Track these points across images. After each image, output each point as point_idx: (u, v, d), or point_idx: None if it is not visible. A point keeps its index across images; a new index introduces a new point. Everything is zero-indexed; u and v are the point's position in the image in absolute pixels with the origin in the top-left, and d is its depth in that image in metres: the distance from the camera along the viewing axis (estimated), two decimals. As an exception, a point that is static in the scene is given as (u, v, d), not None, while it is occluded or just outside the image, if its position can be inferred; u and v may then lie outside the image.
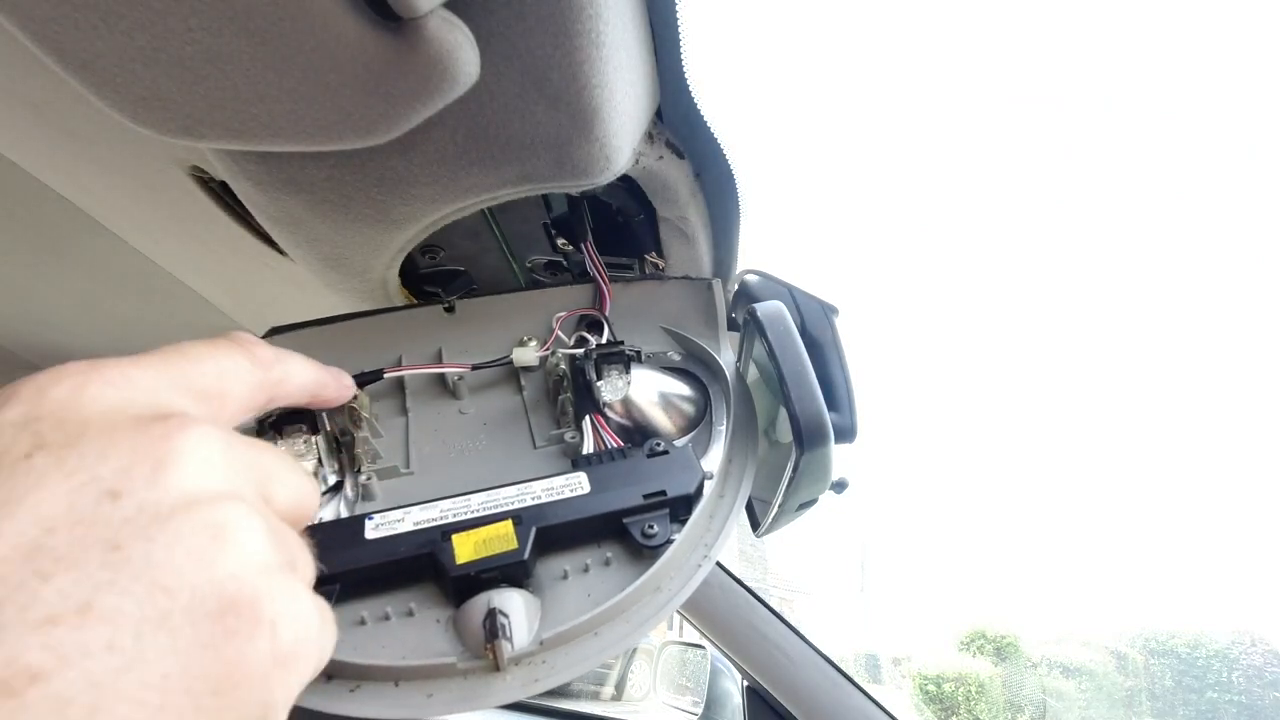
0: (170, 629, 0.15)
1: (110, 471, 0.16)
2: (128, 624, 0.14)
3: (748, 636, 0.88)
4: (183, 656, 0.15)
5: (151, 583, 0.15)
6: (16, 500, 0.15)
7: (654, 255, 0.50)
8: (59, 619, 0.14)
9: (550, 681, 0.30)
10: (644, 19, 0.34)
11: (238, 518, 0.17)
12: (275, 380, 0.24)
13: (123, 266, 0.62)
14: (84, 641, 0.14)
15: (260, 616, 0.16)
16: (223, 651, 0.16)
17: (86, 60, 0.25)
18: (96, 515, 0.15)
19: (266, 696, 0.17)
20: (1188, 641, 14.76)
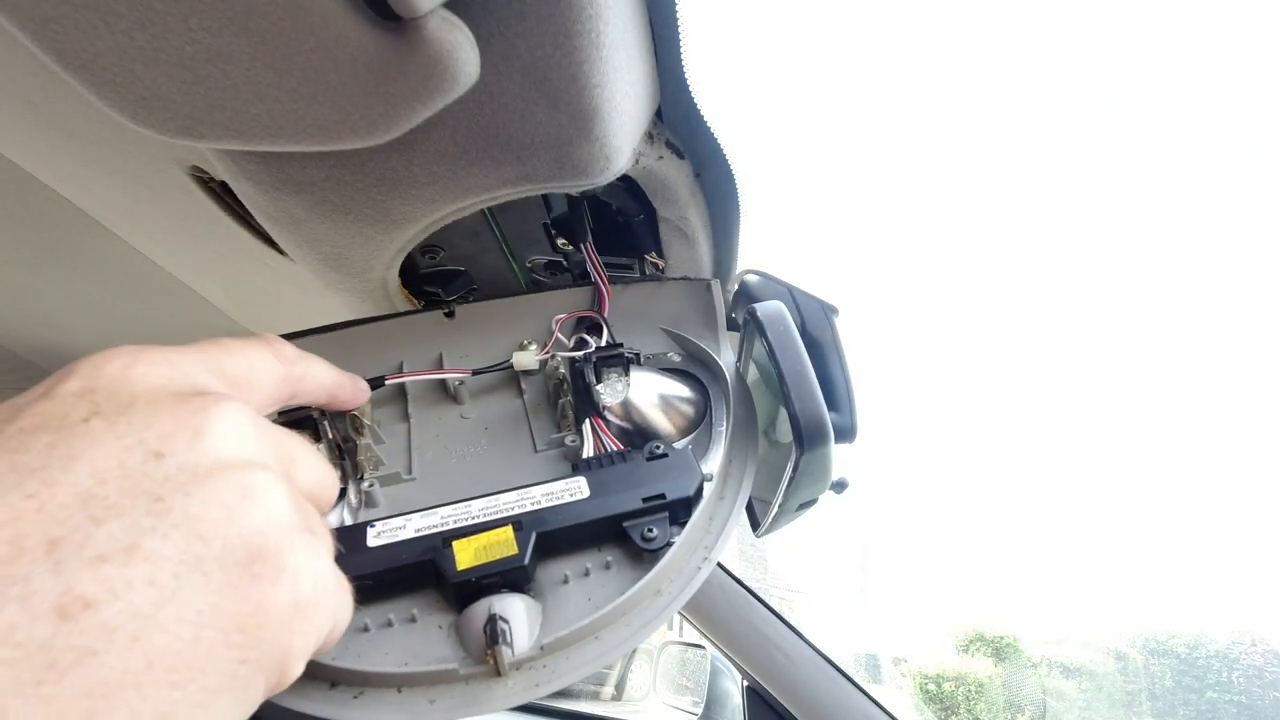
0: (204, 571, 0.17)
1: (155, 436, 0.18)
2: (167, 565, 0.16)
3: (748, 636, 0.88)
4: (214, 596, 0.17)
5: (188, 531, 0.17)
6: (75, 456, 0.17)
7: (654, 255, 0.50)
8: (108, 557, 0.16)
9: (551, 686, 0.30)
10: (644, 19, 0.34)
11: (265, 482, 0.19)
12: (297, 377, 0.26)
13: (123, 266, 0.62)
14: (129, 577, 0.16)
15: (283, 566, 0.18)
16: (249, 594, 0.18)
17: (86, 60, 0.25)
18: (143, 472, 0.17)
19: (287, 641, 0.18)
20: (1188, 642, 14.77)
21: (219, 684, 0.17)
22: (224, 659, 0.17)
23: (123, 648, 0.15)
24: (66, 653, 0.15)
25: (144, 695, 0.15)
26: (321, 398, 0.28)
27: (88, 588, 0.15)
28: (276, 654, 0.18)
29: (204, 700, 0.17)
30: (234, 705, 0.17)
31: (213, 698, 0.17)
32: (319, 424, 0.35)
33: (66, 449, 0.17)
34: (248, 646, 0.17)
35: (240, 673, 0.17)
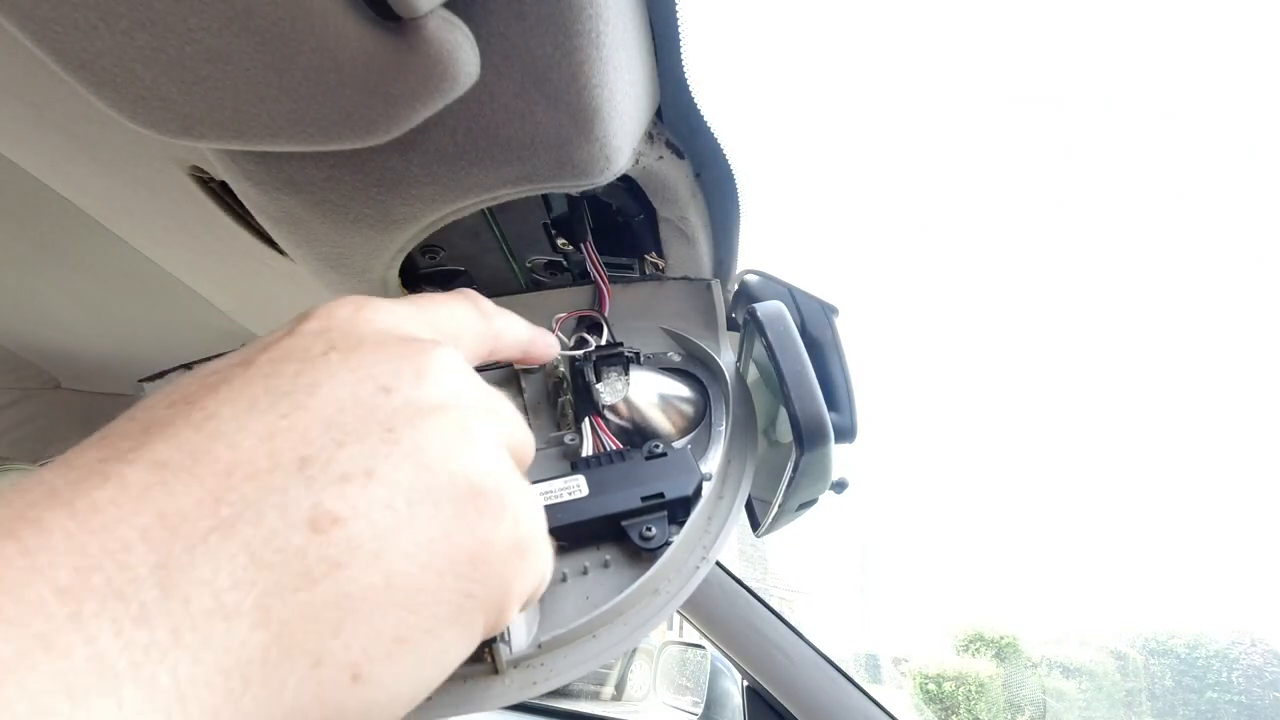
0: (433, 501, 0.18)
1: (383, 372, 0.19)
2: (401, 491, 0.17)
3: (748, 636, 0.88)
4: (443, 525, 0.18)
5: (417, 462, 0.18)
6: (318, 384, 0.18)
7: (654, 255, 0.50)
8: (350, 477, 0.17)
9: (549, 684, 0.30)
10: (644, 19, 0.34)
11: (482, 424, 0.20)
12: (496, 332, 0.27)
13: (123, 266, 0.62)
14: (370, 498, 0.17)
15: (505, 504, 0.19)
16: (475, 527, 0.18)
17: (86, 60, 0.25)
18: (374, 403, 0.18)
19: (507, 580, 0.19)
20: (1187, 642, 14.76)
21: (447, 614, 0.18)
22: (452, 589, 0.18)
23: (365, 565, 0.16)
24: (318, 563, 0.16)
25: (383, 613, 0.16)
26: (516, 353, 0.29)
27: (335, 504, 0.16)
28: (497, 592, 0.19)
29: (434, 628, 0.17)
30: (458, 639, 0.18)
31: (441, 626, 0.17)
32: None
33: (310, 377, 0.18)
34: (474, 580, 0.18)
35: (466, 606, 0.18)
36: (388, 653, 0.16)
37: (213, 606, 0.14)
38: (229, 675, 0.14)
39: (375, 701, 0.16)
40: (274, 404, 0.17)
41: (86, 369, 0.87)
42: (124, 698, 0.13)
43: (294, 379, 0.18)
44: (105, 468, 0.15)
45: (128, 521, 0.14)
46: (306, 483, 0.16)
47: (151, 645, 0.13)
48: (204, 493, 0.15)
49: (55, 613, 0.13)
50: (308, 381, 0.18)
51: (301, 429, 0.17)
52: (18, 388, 0.90)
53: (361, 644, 0.16)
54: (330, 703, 0.16)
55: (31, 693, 0.12)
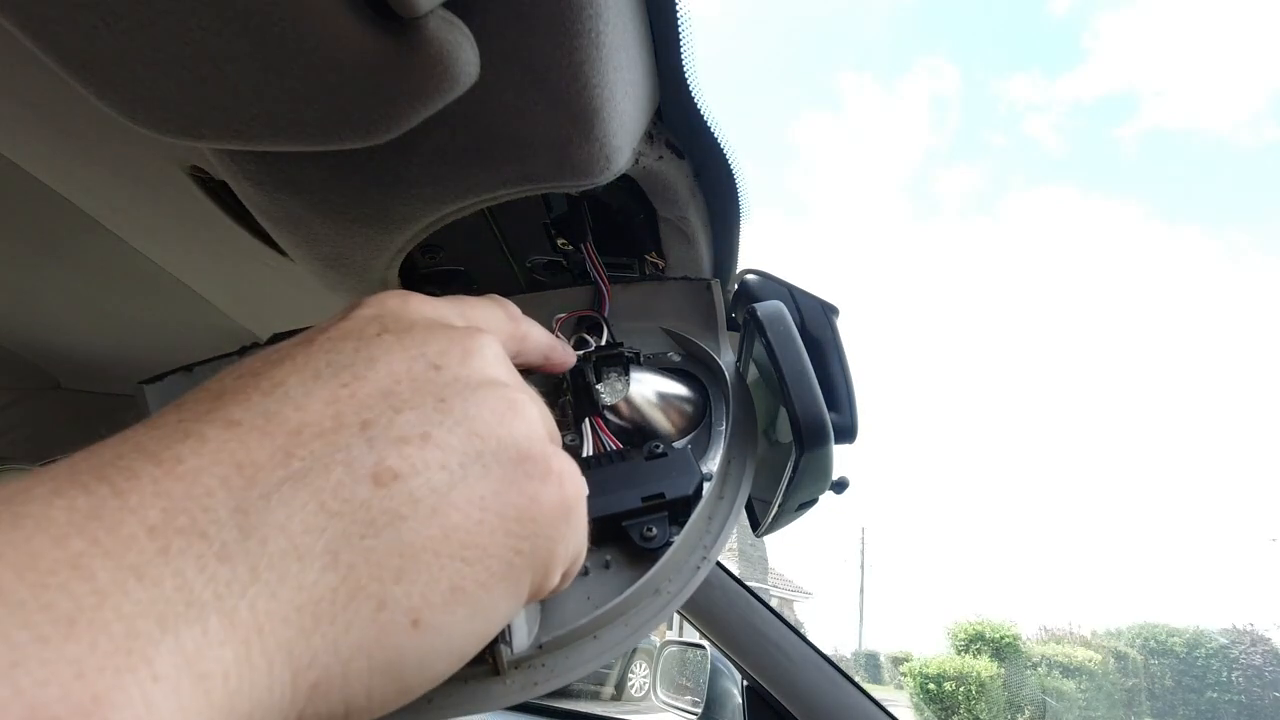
0: (483, 463, 0.19)
1: (433, 351, 0.21)
2: (454, 454, 0.19)
3: (748, 636, 0.88)
4: (494, 485, 0.19)
5: (469, 429, 0.19)
6: (374, 360, 0.19)
7: (654, 255, 0.50)
8: (408, 440, 0.18)
9: (550, 685, 0.30)
10: (644, 19, 0.34)
11: (526, 400, 0.22)
12: (523, 335, 0.28)
13: (123, 266, 0.62)
14: (426, 458, 0.18)
15: (550, 469, 0.20)
16: (524, 488, 0.20)
17: (86, 60, 0.25)
18: (426, 377, 0.20)
19: (553, 541, 0.20)
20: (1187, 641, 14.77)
21: (499, 569, 0.19)
22: (503, 545, 0.19)
23: (424, 518, 0.17)
24: (381, 514, 0.17)
25: (441, 563, 0.17)
26: (538, 358, 0.30)
27: (394, 462, 0.18)
28: (544, 552, 0.20)
29: (487, 581, 0.18)
30: (508, 595, 0.19)
31: (494, 580, 0.19)
32: None
33: (368, 353, 0.20)
34: (523, 537, 0.19)
35: (516, 563, 0.19)
36: (445, 601, 0.17)
37: (287, 548, 0.15)
38: (301, 612, 0.15)
39: (432, 649, 0.17)
40: (336, 374, 0.19)
41: (86, 369, 0.87)
42: (209, 626, 0.14)
43: (353, 354, 0.19)
44: (184, 426, 0.16)
45: (208, 471, 0.15)
46: (368, 442, 0.18)
47: (233, 580, 0.15)
48: (275, 448, 0.16)
49: (146, 547, 0.14)
50: (365, 357, 0.19)
51: (361, 397, 0.18)
52: (18, 388, 0.90)
53: (421, 591, 0.17)
54: (391, 646, 0.17)
55: (126, 615, 0.13)
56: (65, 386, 0.92)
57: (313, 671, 0.16)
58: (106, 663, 0.13)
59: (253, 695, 0.15)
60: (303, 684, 0.16)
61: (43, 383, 0.91)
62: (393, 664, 0.17)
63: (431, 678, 0.18)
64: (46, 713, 0.12)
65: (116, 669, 0.13)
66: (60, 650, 0.12)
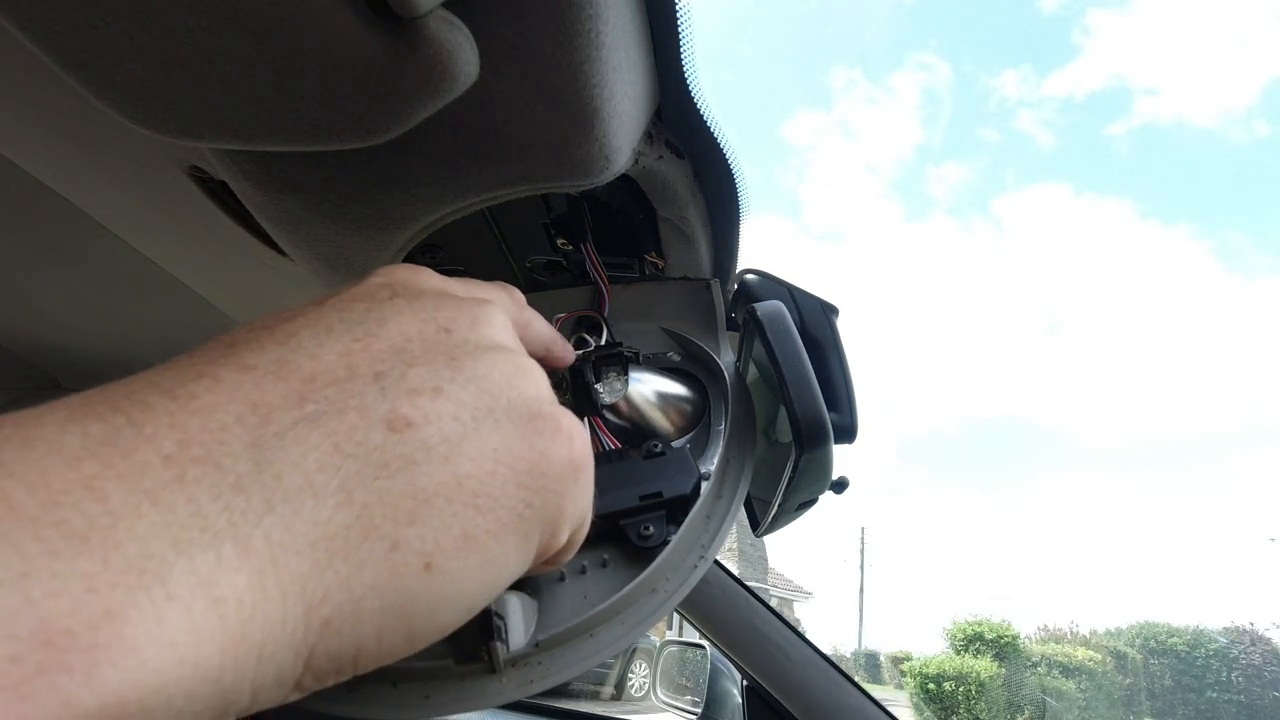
0: (495, 419, 0.20)
1: (444, 316, 0.21)
2: (465, 407, 0.19)
3: (748, 636, 0.88)
4: (506, 438, 0.19)
5: (478, 387, 0.20)
6: (386, 319, 0.20)
7: (654, 255, 0.50)
8: (420, 391, 0.19)
9: (547, 683, 0.30)
10: (644, 19, 0.34)
11: (533, 365, 0.22)
12: (525, 322, 0.28)
13: (123, 266, 0.62)
14: (438, 409, 0.18)
15: (560, 427, 0.21)
16: (535, 444, 0.20)
17: (86, 60, 0.25)
18: (436, 338, 0.20)
19: (562, 497, 0.20)
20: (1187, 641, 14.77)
21: (510, 519, 0.19)
22: (514, 496, 0.19)
23: (437, 464, 0.18)
24: (395, 458, 0.17)
25: (454, 510, 0.18)
26: (539, 350, 0.30)
27: (407, 410, 0.18)
28: (553, 506, 0.20)
29: (498, 531, 0.19)
30: (518, 547, 0.19)
31: (505, 531, 0.19)
32: None
33: (379, 314, 0.20)
34: (533, 490, 0.20)
35: (526, 515, 0.19)
36: (457, 548, 0.18)
37: (302, 484, 0.16)
38: (315, 547, 0.16)
39: (443, 595, 0.18)
40: (348, 330, 0.19)
41: (86, 369, 0.88)
42: (223, 552, 0.14)
43: (365, 314, 0.20)
44: (198, 368, 0.17)
45: (223, 408, 0.16)
46: (381, 391, 0.18)
47: (248, 510, 0.15)
48: (290, 391, 0.17)
49: (161, 474, 0.14)
50: (377, 316, 0.20)
51: (374, 351, 0.19)
52: (18, 388, 0.90)
53: (434, 535, 0.17)
54: (404, 588, 0.17)
55: (140, 536, 0.13)
56: (65, 386, 0.92)
57: (325, 607, 0.16)
58: (119, 579, 0.13)
59: (265, 626, 0.15)
60: (315, 619, 0.16)
61: (43, 383, 0.91)
62: (404, 607, 0.17)
63: (440, 627, 0.18)
64: (57, 623, 0.12)
65: (130, 586, 0.13)
66: (72, 564, 0.12)
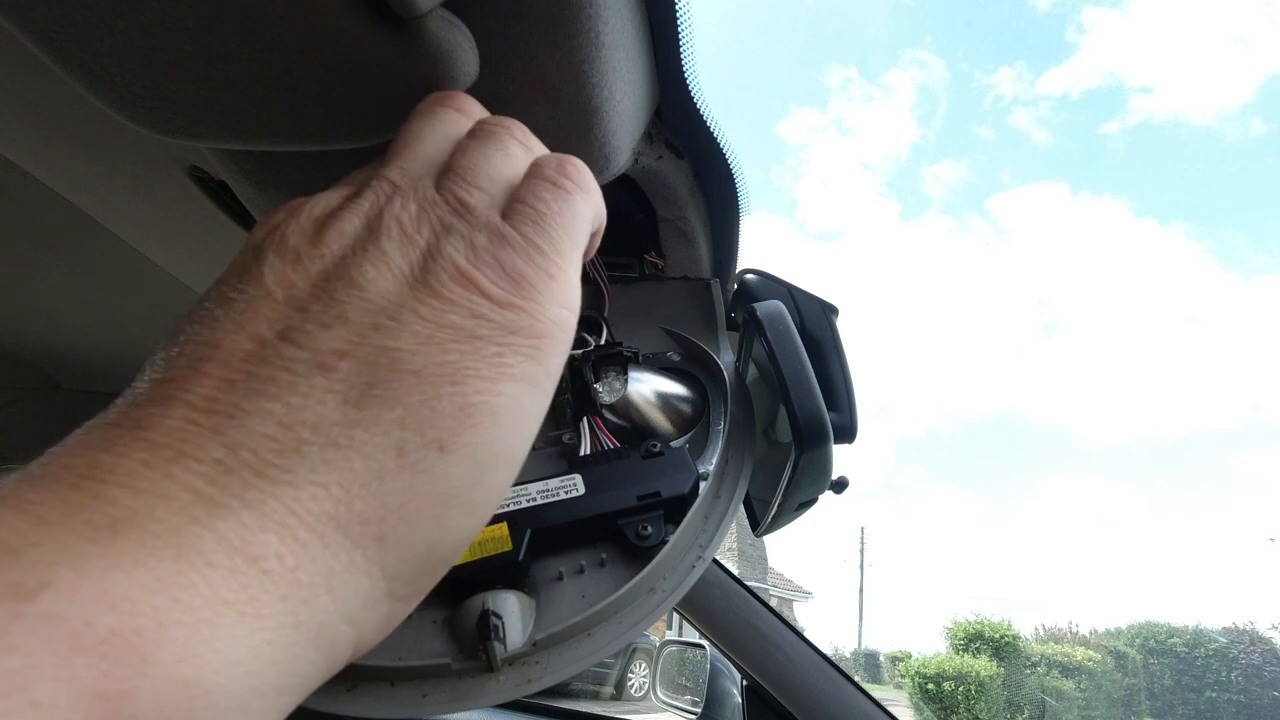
0: (408, 309, 0.19)
1: (313, 246, 0.20)
2: (377, 313, 0.18)
3: (748, 636, 0.88)
4: (430, 316, 0.18)
5: (375, 290, 0.19)
6: (262, 278, 0.19)
7: (653, 255, 0.50)
8: (328, 325, 0.18)
9: (544, 682, 0.30)
10: (643, 19, 0.34)
11: (397, 238, 0.21)
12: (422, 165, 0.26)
13: (123, 266, 0.62)
14: (354, 331, 0.18)
15: (460, 269, 0.20)
16: (456, 300, 0.19)
17: (86, 60, 0.25)
18: (317, 269, 0.19)
19: (523, 304, 0.20)
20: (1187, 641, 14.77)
21: (491, 373, 0.18)
22: (479, 353, 0.18)
23: (386, 378, 0.17)
24: (348, 390, 0.17)
25: (433, 396, 0.17)
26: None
27: (329, 346, 0.17)
28: (523, 325, 0.19)
29: (487, 388, 0.18)
30: (522, 384, 0.19)
31: (494, 384, 0.18)
32: None
33: (254, 276, 0.20)
34: (489, 336, 0.19)
35: (504, 358, 0.19)
36: (461, 423, 0.17)
37: (275, 448, 0.16)
38: (326, 488, 0.16)
39: (476, 461, 0.18)
40: (232, 307, 0.18)
41: (86, 369, 0.88)
42: (243, 519, 0.15)
43: (241, 284, 0.19)
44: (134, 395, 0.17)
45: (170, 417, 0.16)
46: (294, 345, 0.17)
47: (245, 485, 0.15)
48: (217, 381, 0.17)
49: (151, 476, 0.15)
50: (254, 279, 0.19)
51: (266, 314, 0.18)
52: (18, 388, 0.90)
53: (430, 424, 0.17)
54: (435, 476, 0.17)
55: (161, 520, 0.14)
56: (65, 386, 0.92)
57: (370, 528, 0.16)
58: (159, 554, 0.13)
59: (315, 568, 0.15)
60: (367, 541, 0.16)
61: (43, 383, 0.91)
62: (446, 491, 0.17)
63: (498, 484, 0.18)
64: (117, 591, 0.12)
65: (170, 558, 0.13)
66: (110, 545, 0.13)
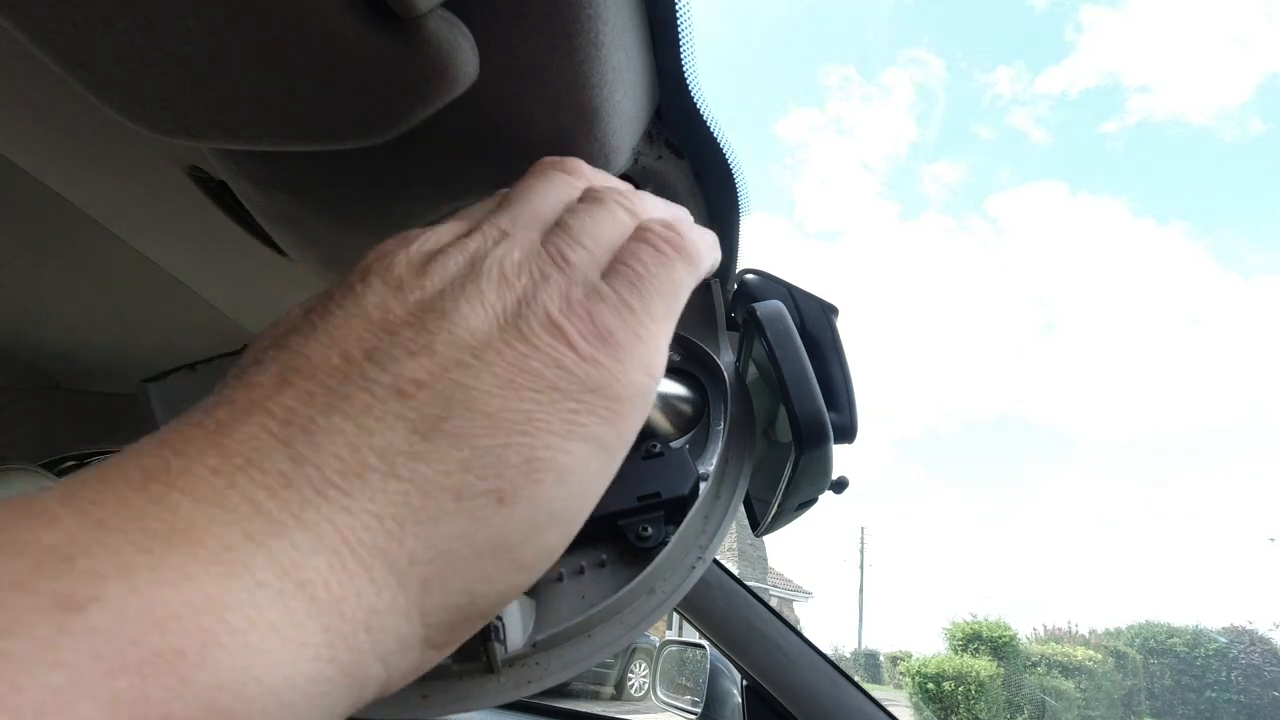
0: (494, 349, 0.19)
1: (418, 278, 0.21)
2: (464, 350, 0.19)
3: (748, 636, 0.88)
4: (516, 359, 0.19)
5: (466, 328, 0.19)
6: (363, 298, 0.20)
7: (653, 255, 0.50)
8: (415, 352, 0.18)
9: (544, 683, 0.30)
10: (644, 19, 0.34)
11: (508, 278, 0.21)
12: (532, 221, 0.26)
13: (123, 266, 0.62)
14: (439, 362, 0.18)
15: (554, 322, 0.20)
16: (546, 352, 0.19)
17: (86, 60, 0.25)
18: (415, 298, 0.20)
19: (603, 373, 0.20)
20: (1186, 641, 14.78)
21: (564, 429, 0.18)
22: (556, 407, 0.19)
23: (461, 412, 0.17)
24: (420, 421, 0.17)
25: (500, 443, 0.17)
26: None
27: (411, 374, 0.18)
28: (603, 388, 0.19)
29: (558, 444, 0.18)
30: (592, 447, 0.19)
31: (565, 442, 0.18)
32: None
33: (355, 296, 0.20)
34: (569, 391, 0.19)
35: (579, 417, 0.19)
36: (525, 476, 0.17)
37: (342, 468, 0.16)
38: (381, 519, 0.16)
39: (532, 520, 0.18)
40: (328, 321, 0.19)
41: (86, 369, 0.88)
42: (295, 540, 0.15)
43: (342, 300, 0.20)
44: (218, 398, 0.17)
45: (247, 423, 0.16)
46: (379, 366, 0.18)
47: (305, 502, 0.15)
48: (298, 392, 0.17)
49: (215, 483, 0.15)
50: (354, 298, 0.20)
51: (358, 333, 0.18)
52: (18, 388, 0.90)
53: (494, 472, 0.17)
54: (489, 527, 0.17)
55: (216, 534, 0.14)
56: (65, 386, 0.92)
57: (417, 569, 0.16)
58: (209, 569, 0.13)
59: (359, 601, 0.15)
60: (412, 582, 0.16)
61: (43, 383, 0.91)
62: (498, 544, 0.17)
63: (548, 550, 0.18)
64: (164, 609, 0.12)
65: (220, 574, 0.13)
66: (164, 558, 0.13)
